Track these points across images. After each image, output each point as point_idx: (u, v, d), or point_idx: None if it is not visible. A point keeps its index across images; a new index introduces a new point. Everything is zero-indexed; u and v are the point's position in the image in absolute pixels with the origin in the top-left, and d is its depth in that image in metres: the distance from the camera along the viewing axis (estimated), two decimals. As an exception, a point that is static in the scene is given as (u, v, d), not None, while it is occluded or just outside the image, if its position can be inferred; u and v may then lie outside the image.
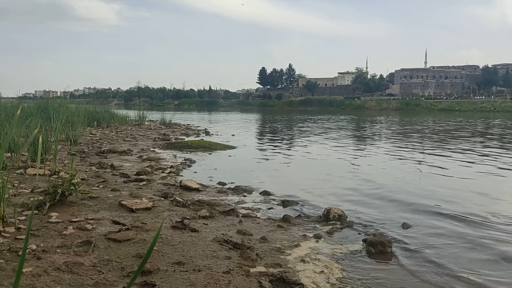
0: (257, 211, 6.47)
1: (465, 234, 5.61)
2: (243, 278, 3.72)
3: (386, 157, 13.88)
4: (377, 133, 26.37)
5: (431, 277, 4.19)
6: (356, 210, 6.71)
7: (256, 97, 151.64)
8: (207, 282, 3.53)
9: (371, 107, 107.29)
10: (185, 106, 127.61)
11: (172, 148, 14.39)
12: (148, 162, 10.58)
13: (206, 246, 4.53)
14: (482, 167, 11.65)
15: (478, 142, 19.89)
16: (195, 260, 4.07)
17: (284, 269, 4.06)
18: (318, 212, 6.39)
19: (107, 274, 3.59)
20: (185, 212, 5.88)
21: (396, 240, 5.18)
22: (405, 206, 7.05)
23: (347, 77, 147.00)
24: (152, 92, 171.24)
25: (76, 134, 13.91)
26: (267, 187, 8.12)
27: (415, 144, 18.70)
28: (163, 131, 21.79)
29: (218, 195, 7.37)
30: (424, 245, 5.11)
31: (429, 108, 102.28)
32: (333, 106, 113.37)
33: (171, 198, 6.66)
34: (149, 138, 17.61)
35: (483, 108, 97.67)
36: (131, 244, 4.39)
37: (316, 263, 4.33)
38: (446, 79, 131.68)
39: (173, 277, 3.63)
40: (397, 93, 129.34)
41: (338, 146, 17.51)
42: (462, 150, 16.03)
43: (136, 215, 5.53)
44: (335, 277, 4.00)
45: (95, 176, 8.22)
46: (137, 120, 26.31)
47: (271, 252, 4.54)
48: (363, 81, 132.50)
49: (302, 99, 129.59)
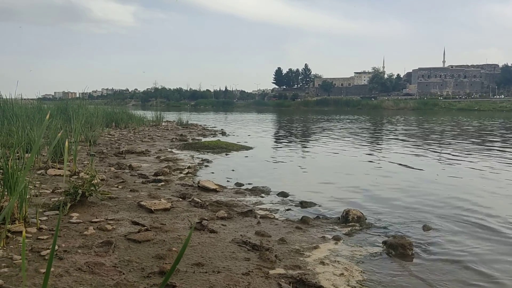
0: (275, 212, 6.45)
1: (488, 237, 5.50)
2: (262, 280, 3.71)
3: (405, 158, 13.70)
4: (394, 134, 26.07)
5: (451, 279, 4.11)
6: (375, 211, 6.64)
7: (272, 97, 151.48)
8: (227, 284, 3.53)
9: (388, 107, 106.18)
10: (201, 107, 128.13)
11: (189, 148, 14.45)
12: (166, 163, 10.64)
13: (225, 247, 4.53)
14: (506, 170, 11.41)
15: (502, 144, 19.51)
16: (214, 262, 4.07)
17: (303, 271, 4.03)
18: (337, 214, 6.33)
19: (127, 275, 3.62)
20: (203, 213, 5.89)
21: (417, 243, 5.10)
22: (426, 208, 6.94)
23: (363, 77, 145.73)
24: (169, 92, 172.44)
25: (95, 135, 14.07)
26: (284, 188, 8.08)
27: (435, 145, 18.43)
28: (180, 131, 21.90)
29: (235, 196, 7.37)
30: (446, 248, 5.02)
31: (448, 107, 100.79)
32: (350, 106, 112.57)
33: (189, 198, 6.68)
34: (166, 139, 17.72)
35: (503, 107, 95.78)
36: (150, 245, 4.41)
37: (335, 265, 4.29)
38: (464, 78, 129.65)
39: (192, 278, 3.63)
40: (414, 92, 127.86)
41: (356, 146, 17.37)
42: (485, 151, 15.74)
43: (155, 216, 5.56)
44: (355, 280, 3.95)
45: (114, 176, 8.30)
46: (154, 120, 26.51)
47: (290, 254, 4.51)
48: (379, 81, 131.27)
49: (318, 99, 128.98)
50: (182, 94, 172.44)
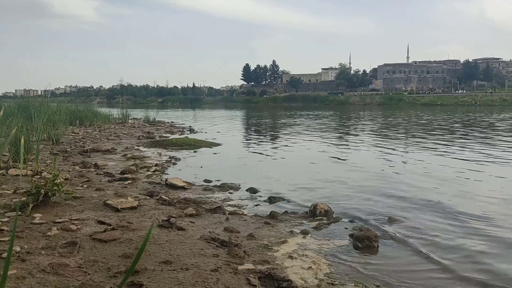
0: (243, 208, 6.46)
1: (450, 227, 5.68)
2: (231, 275, 3.71)
3: (371, 152, 13.99)
4: (361, 128, 26.56)
5: (416, 270, 4.23)
6: (342, 205, 6.75)
7: (240, 93, 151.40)
8: (195, 281, 3.51)
9: (355, 102, 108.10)
10: (168, 104, 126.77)
11: (156, 146, 14.27)
12: (133, 161, 10.48)
13: (194, 244, 4.50)
14: (467, 160, 11.81)
15: (462, 135, 20.19)
16: (183, 259, 4.04)
17: (272, 266, 4.05)
18: (305, 208, 6.40)
19: (93, 275, 3.54)
20: (171, 211, 5.83)
21: (382, 235, 5.22)
22: (391, 201, 7.11)
23: (330, 73, 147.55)
24: (135, 89, 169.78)
25: (58, 133, 13.70)
26: (253, 184, 8.10)
27: (400, 139, 18.90)
28: (147, 129, 21.62)
29: (204, 193, 7.34)
30: (409, 239, 5.16)
31: (412, 102, 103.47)
32: (317, 102, 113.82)
33: (157, 196, 6.60)
34: (133, 137, 17.44)
35: (464, 102, 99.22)
36: (117, 244, 4.33)
37: (303, 259, 4.34)
38: (428, 74, 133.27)
39: (160, 276, 3.60)
40: (380, 88, 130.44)
41: (323, 141, 17.59)
42: (446, 143, 16.25)
43: (122, 215, 5.46)
44: (323, 273, 4.01)
45: (78, 175, 8.11)
46: (120, 118, 26.04)
47: (259, 249, 4.53)
48: (346, 77, 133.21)
49: (287, 95, 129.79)
50: (149, 91, 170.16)
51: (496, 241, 5.14)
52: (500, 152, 13.45)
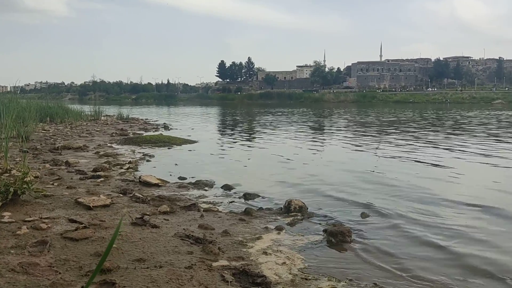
0: (218, 205, 6.45)
1: (420, 222, 5.81)
2: (205, 272, 3.71)
3: (345, 148, 14.17)
4: (335, 125, 26.86)
5: (388, 265, 4.32)
6: (316, 201, 6.81)
7: (216, 90, 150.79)
8: (169, 278, 3.49)
9: (329, 99, 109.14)
10: (143, 101, 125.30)
11: (130, 143, 14.09)
12: (106, 158, 10.32)
13: (168, 242, 4.47)
14: (440, 156, 12.10)
15: (435, 132, 20.65)
16: (157, 257, 4.01)
17: (246, 262, 4.07)
18: (279, 204, 6.44)
19: (64, 274, 3.48)
20: (145, 208, 5.78)
21: (355, 230, 5.30)
22: (365, 196, 7.21)
23: (305, 70, 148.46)
24: (108, 86, 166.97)
25: (28, 130, 13.37)
26: (228, 181, 8.10)
27: (374, 135, 19.19)
28: (121, 126, 21.31)
29: (178, 190, 7.29)
30: (381, 234, 5.26)
31: (385, 100, 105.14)
32: (292, 99, 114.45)
33: (130, 194, 6.52)
34: (106, 134, 17.18)
35: (435, 99, 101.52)
36: (89, 242, 4.27)
37: (278, 254, 4.37)
38: (400, 72, 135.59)
39: (133, 274, 3.56)
40: (354, 85, 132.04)
41: (298, 138, 17.71)
42: (419, 140, 16.60)
43: (94, 213, 5.38)
44: (297, 268, 4.05)
45: (49, 173, 7.93)
46: (92, 115, 25.58)
47: (233, 246, 4.54)
48: (321, 74, 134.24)
49: (262, 92, 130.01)
50: (122, 88, 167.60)
51: (468, 232, 5.28)
52: (469, 148, 13.82)
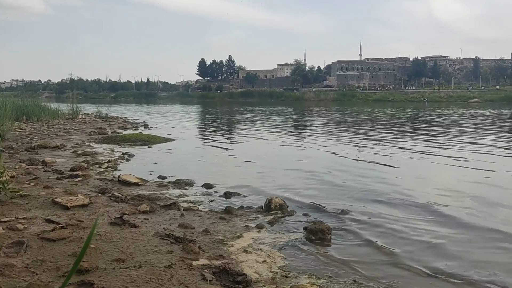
0: (199, 204, 6.43)
1: (401, 218, 5.89)
2: (185, 271, 3.69)
3: (325, 146, 14.27)
4: (316, 124, 27.03)
5: (367, 261, 4.37)
6: (297, 199, 6.85)
7: (196, 89, 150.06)
8: (149, 278, 3.46)
9: (310, 98, 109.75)
10: (122, 99, 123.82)
11: (109, 142, 13.91)
12: (84, 157, 10.17)
13: (147, 241, 4.43)
14: (417, 153, 12.29)
15: (413, 130, 20.97)
16: (136, 256, 3.97)
17: (227, 261, 4.06)
18: (260, 203, 6.44)
19: (41, 275, 3.42)
20: (124, 208, 5.71)
21: (335, 227, 5.35)
22: (344, 193, 7.29)
23: (286, 69, 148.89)
24: (86, 84, 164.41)
25: (3, 129, 13.08)
26: (208, 179, 8.07)
27: (353, 134, 19.38)
28: (99, 124, 21.03)
29: (158, 189, 7.24)
30: (362, 230, 5.31)
31: (365, 99, 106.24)
32: (273, 97, 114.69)
33: (109, 193, 6.45)
34: (84, 132, 16.92)
35: (413, 98, 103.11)
36: (66, 243, 4.20)
37: (258, 253, 4.37)
38: (379, 70, 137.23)
39: (112, 274, 3.52)
40: (334, 84, 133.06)
41: (278, 136, 17.76)
42: (398, 138, 16.83)
43: (72, 213, 5.30)
44: (277, 266, 4.06)
45: (25, 173, 7.78)
46: (70, 113, 25.18)
47: (214, 244, 4.53)
48: (301, 73, 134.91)
49: (243, 91, 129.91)
50: (101, 86, 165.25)
51: (445, 231, 5.38)
52: (446, 146, 14.09)
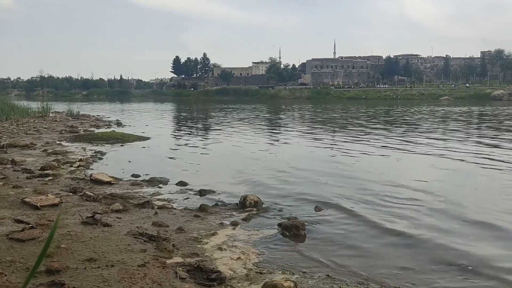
0: (173, 202, 6.38)
1: (373, 213, 5.99)
2: (159, 270, 3.66)
3: (299, 144, 14.37)
4: (290, 121, 27.17)
5: (340, 255, 4.43)
6: (271, 196, 6.88)
7: (171, 86, 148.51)
8: (121, 277, 3.42)
9: (285, 96, 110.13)
10: (94, 97, 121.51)
11: (80, 140, 13.65)
12: (54, 156, 9.96)
13: (120, 240, 4.38)
14: (389, 149, 12.51)
15: (386, 127, 21.33)
16: (108, 256, 3.92)
17: (201, 258, 4.05)
18: (235, 200, 6.45)
19: (10, 276, 3.33)
20: (96, 207, 5.63)
21: (309, 223, 5.40)
22: (318, 190, 7.36)
23: (261, 67, 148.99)
24: (57, 82, 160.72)
25: (-31, 128, 12.66)
26: (183, 177, 8.02)
27: (327, 131, 19.58)
28: (70, 123, 20.62)
29: (132, 188, 7.15)
30: (335, 226, 5.39)
31: (339, 96, 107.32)
32: (249, 95, 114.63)
33: (81, 192, 6.34)
34: (55, 131, 16.55)
35: (386, 96, 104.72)
36: (36, 243, 4.11)
37: (233, 250, 4.38)
38: (353, 69, 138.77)
39: (83, 274, 3.46)
40: (309, 82, 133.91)
41: (254, 134, 17.79)
42: (369, 134, 17.09)
43: (42, 213, 5.18)
44: (252, 262, 4.08)
45: (-7, 173, 7.56)
46: (40, 112, 24.57)
47: (188, 242, 4.51)
48: (276, 71, 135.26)
49: (218, 89, 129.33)
50: (72, 83, 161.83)
51: (415, 222, 5.50)
52: (414, 142, 14.39)
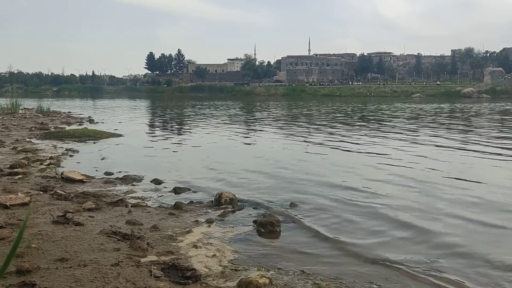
0: (147, 200, 6.31)
1: (347, 209, 6.07)
2: (133, 269, 3.61)
3: (274, 141, 14.41)
4: (265, 118, 27.22)
5: (315, 252, 4.47)
6: (247, 193, 6.88)
7: (145, 83, 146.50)
8: (94, 277, 3.36)
9: (260, 93, 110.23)
10: (65, 93, 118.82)
11: (51, 138, 13.34)
12: (24, 154, 9.71)
13: (93, 239, 4.30)
14: (364, 145, 12.68)
15: (359, 124, 21.61)
16: (80, 255, 3.84)
17: (176, 256, 4.02)
18: (210, 197, 6.43)
19: (-24, 279, 3.22)
20: (68, 206, 5.51)
21: (284, 219, 5.43)
22: (293, 186, 7.40)
23: (236, 64, 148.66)
24: (27, 77, 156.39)
25: None
26: (157, 175, 7.94)
27: (302, 128, 19.70)
28: (41, 120, 20.11)
29: (105, 186, 7.04)
30: (310, 222, 5.43)
31: (313, 93, 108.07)
32: (224, 92, 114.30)
33: (52, 191, 6.20)
34: (25, 128, 16.11)
35: (360, 93, 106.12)
36: (5, 243, 4.00)
37: (208, 247, 4.36)
38: (327, 66, 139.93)
39: (55, 274, 3.39)
40: (284, 79, 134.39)
41: (228, 131, 17.74)
42: (344, 132, 17.29)
43: (11, 212, 5.05)
44: (227, 260, 4.07)
45: (-41, 171, 7.31)
46: (9, 108, 23.86)
47: (163, 240, 4.47)
48: (251, 68, 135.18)
49: (193, 85, 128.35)
50: (42, 79, 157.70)
51: (388, 220, 5.60)
52: (385, 140, 14.64)
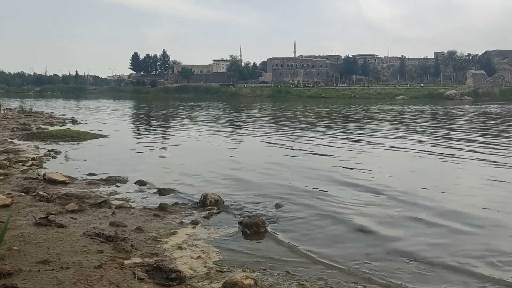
0: (132, 201, 6.26)
1: (332, 210, 6.10)
2: (116, 271, 3.57)
3: (260, 142, 14.43)
4: (251, 120, 27.22)
5: (301, 253, 4.48)
6: (232, 194, 6.87)
7: (129, 83, 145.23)
8: (77, 279, 3.31)
9: (246, 94, 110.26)
10: (48, 93, 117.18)
11: (33, 138, 13.14)
12: (5, 155, 9.55)
13: (75, 241, 4.25)
14: (349, 144, 12.77)
15: (340, 126, 21.76)
16: (63, 257, 3.79)
17: (160, 258, 3.99)
18: (195, 199, 6.40)
19: (-45, 282, 3.16)
20: (50, 207, 5.43)
21: (269, 220, 5.43)
22: (279, 188, 7.41)
23: (222, 65, 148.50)
24: (9, 77, 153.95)
25: None
26: (142, 176, 7.88)
27: (287, 129, 19.75)
28: (23, 120, 19.80)
29: (88, 187, 6.95)
30: (294, 222, 5.45)
31: (299, 95, 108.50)
32: (209, 93, 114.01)
33: (34, 192, 6.10)
34: (6, 129, 15.84)
35: (345, 95, 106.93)
36: (-15, 246, 3.91)
37: (193, 249, 4.34)
38: (313, 68, 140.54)
39: (37, 277, 3.33)
40: (269, 81, 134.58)
41: (214, 133, 17.69)
42: (329, 134, 17.39)
43: (-9, 214, 4.94)
44: (212, 261, 4.06)
45: None
46: (-10, 108, 23.46)
47: (147, 242, 4.43)
48: (237, 69, 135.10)
49: (178, 86, 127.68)
50: (24, 79, 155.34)
51: (370, 221, 5.64)
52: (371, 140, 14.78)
